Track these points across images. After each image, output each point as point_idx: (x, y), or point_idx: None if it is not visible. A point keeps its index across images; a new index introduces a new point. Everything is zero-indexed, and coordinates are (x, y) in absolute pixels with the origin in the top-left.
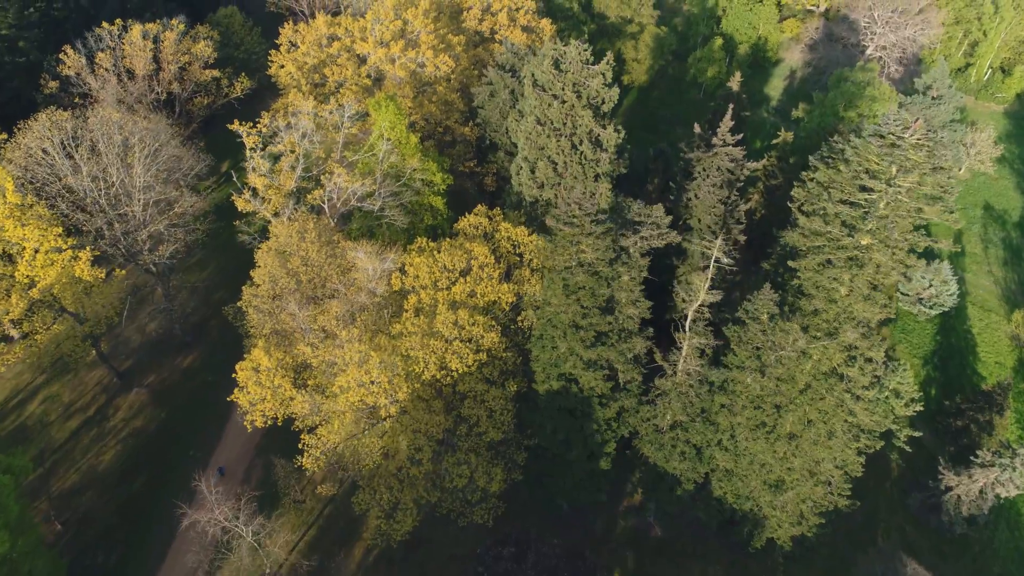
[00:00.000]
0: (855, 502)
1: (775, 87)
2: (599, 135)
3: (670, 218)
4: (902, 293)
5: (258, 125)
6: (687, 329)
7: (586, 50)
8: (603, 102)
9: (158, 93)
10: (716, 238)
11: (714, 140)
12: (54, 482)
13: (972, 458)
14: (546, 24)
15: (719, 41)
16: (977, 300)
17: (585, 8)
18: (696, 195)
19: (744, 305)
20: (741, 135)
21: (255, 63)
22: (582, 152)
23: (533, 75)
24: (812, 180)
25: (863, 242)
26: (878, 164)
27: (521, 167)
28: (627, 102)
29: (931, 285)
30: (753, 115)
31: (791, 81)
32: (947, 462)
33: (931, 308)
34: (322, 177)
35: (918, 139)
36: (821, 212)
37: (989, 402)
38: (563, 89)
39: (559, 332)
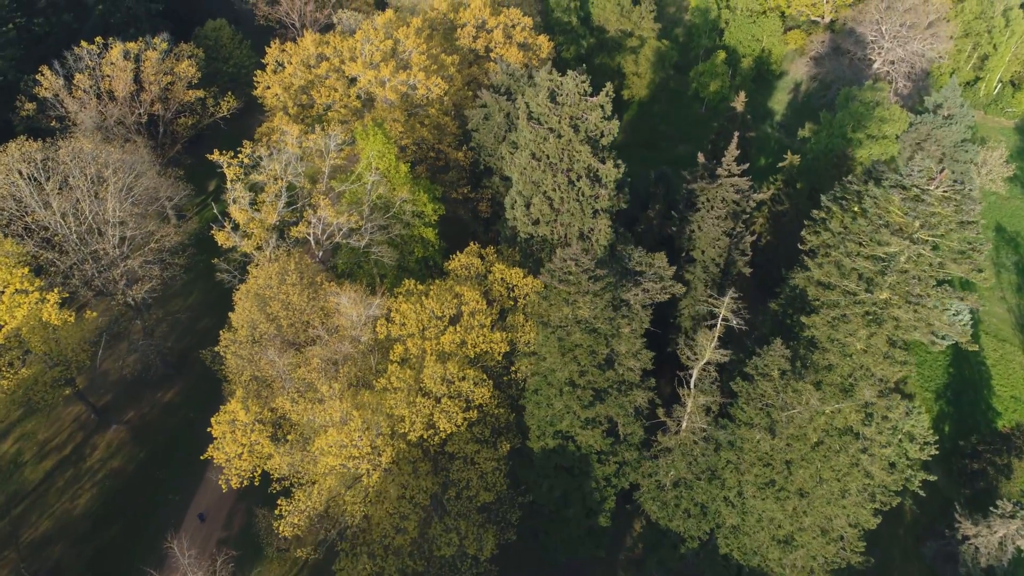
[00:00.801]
0: (869, 559)
1: (779, 101)
2: (598, 170)
3: (673, 269)
4: None
5: (239, 155)
6: (692, 386)
7: (584, 81)
8: (602, 135)
9: (139, 115)
10: (724, 293)
11: (719, 171)
12: (25, 530)
13: (991, 508)
14: (543, 41)
15: (722, 55)
16: (990, 329)
17: (584, 22)
18: (699, 227)
19: (753, 361)
20: (747, 164)
21: (244, 77)
22: (579, 188)
23: (528, 106)
24: (826, 228)
25: (882, 297)
26: (901, 218)
27: (516, 201)
28: (627, 117)
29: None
30: (757, 131)
31: (795, 95)
32: (963, 509)
33: (943, 339)
34: (306, 212)
35: (944, 192)
36: (836, 264)
37: (1007, 444)
38: (560, 123)
39: (554, 390)
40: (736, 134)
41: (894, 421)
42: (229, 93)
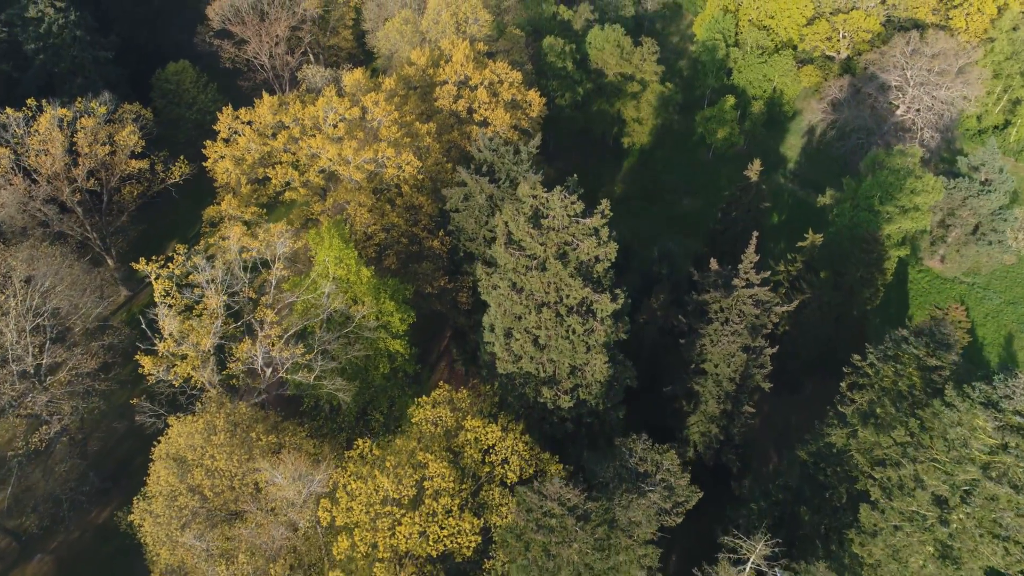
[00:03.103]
0: None
1: (792, 146)
2: (592, 302)
3: (687, 477)
4: None
5: (171, 265)
6: None
7: (574, 202)
8: (597, 261)
9: (74, 191)
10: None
11: (735, 280)
12: None
13: None
14: (534, 97)
15: (731, 100)
16: None
17: (580, 65)
18: (712, 341)
19: None
20: (767, 273)
21: (209, 123)
22: (570, 325)
23: (507, 226)
24: (888, 435)
25: (958, 520)
26: (992, 442)
27: (493, 326)
28: (627, 165)
29: None
30: (768, 180)
31: (810, 139)
32: None
33: None
34: (238, 349)
35: None
36: (898, 480)
37: None
38: (545, 251)
39: None
40: (755, 235)
41: None
42: (181, 158)
